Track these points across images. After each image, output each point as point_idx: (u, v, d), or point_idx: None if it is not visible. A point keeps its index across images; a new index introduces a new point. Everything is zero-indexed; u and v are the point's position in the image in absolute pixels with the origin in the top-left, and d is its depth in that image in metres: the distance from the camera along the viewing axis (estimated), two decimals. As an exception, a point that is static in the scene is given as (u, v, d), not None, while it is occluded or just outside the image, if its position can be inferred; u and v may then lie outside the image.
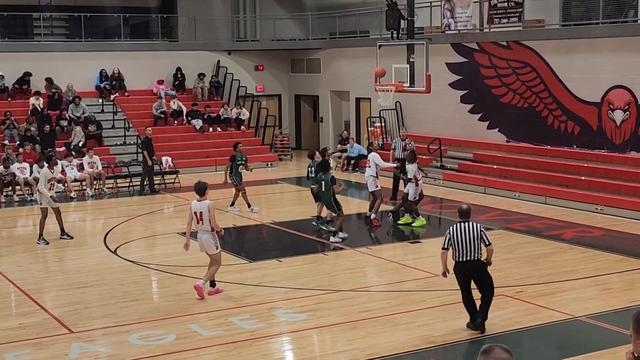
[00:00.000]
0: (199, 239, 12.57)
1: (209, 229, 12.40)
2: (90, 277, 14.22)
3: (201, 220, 12.36)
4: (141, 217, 20.10)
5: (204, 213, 12.31)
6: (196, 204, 12.44)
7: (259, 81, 32.88)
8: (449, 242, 10.63)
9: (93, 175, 23.61)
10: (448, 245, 10.65)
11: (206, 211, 12.31)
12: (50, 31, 31.16)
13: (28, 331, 11.15)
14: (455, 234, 10.60)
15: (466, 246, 10.57)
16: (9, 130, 26.17)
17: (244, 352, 10.25)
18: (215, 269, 12.72)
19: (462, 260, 10.63)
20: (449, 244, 10.64)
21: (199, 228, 12.47)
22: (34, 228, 18.14)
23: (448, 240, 10.63)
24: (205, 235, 12.46)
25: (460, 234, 10.58)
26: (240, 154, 20.57)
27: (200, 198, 12.42)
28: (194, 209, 12.45)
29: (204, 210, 12.32)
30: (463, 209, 10.84)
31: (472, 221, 10.75)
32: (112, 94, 29.54)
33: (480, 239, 10.62)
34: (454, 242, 10.61)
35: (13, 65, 28.29)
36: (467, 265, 10.65)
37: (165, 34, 32.18)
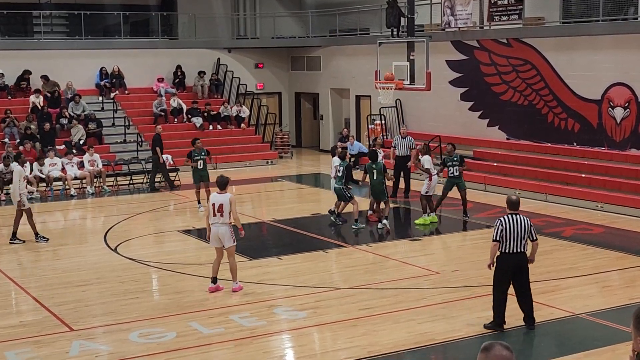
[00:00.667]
0: (214, 232, 12.59)
1: (228, 221, 12.52)
2: (90, 275, 14.22)
3: (219, 213, 12.45)
4: (141, 215, 20.10)
5: (224, 205, 12.42)
6: (217, 197, 12.61)
7: (259, 79, 32.88)
8: (500, 234, 10.48)
9: (93, 173, 23.61)
10: (499, 237, 10.48)
11: (227, 204, 12.43)
12: (50, 29, 31.14)
13: (28, 329, 11.15)
14: (507, 225, 10.46)
15: (515, 238, 10.46)
16: (9, 128, 26.17)
17: (245, 350, 10.26)
18: (234, 263, 12.82)
19: (510, 251, 10.50)
20: (500, 236, 10.48)
21: (216, 221, 12.52)
22: (25, 227, 18.13)
23: (500, 232, 10.47)
24: (224, 228, 12.52)
25: (511, 225, 10.46)
26: (198, 150, 20.36)
27: (221, 191, 12.60)
28: (212, 202, 12.61)
29: (225, 202, 12.44)
30: (513, 200, 10.75)
31: (521, 214, 10.70)
32: (112, 92, 29.52)
33: (529, 232, 10.59)
34: (505, 233, 10.46)
35: (13, 63, 28.28)
36: (514, 257, 10.55)
37: (166, 31, 32.18)
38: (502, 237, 10.47)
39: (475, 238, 16.84)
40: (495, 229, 10.52)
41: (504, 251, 10.52)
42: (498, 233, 10.48)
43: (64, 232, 18.81)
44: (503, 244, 10.49)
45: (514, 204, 10.70)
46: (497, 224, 10.51)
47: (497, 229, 10.48)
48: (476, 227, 17.92)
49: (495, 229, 10.50)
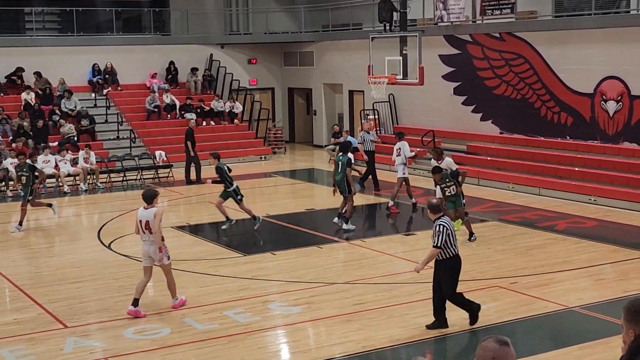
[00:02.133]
0: (145, 250, 11.49)
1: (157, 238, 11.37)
2: (84, 271, 14.21)
3: (147, 230, 11.30)
4: (135, 212, 20.00)
5: (150, 222, 11.25)
6: (143, 212, 11.38)
7: (252, 74, 32.84)
8: (446, 239, 10.23)
9: (87, 170, 23.57)
10: (441, 243, 10.23)
11: (152, 219, 11.26)
12: (42, 25, 31.07)
13: (23, 326, 11.14)
14: (451, 228, 10.30)
15: (455, 240, 10.39)
16: (2, 125, 26.11)
17: (239, 346, 10.26)
18: (171, 281, 11.75)
19: (453, 254, 10.38)
20: (445, 241, 10.24)
21: (146, 239, 11.40)
22: (27, 223, 18.11)
23: (446, 237, 10.22)
24: (153, 247, 11.40)
25: (452, 227, 10.37)
26: None
27: (148, 205, 11.42)
28: (139, 218, 11.41)
29: (151, 218, 11.25)
30: (435, 203, 10.57)
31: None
32: (105, 89, 29.47)
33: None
34: (450, 239, 10.27)
35: (5, 60, 28.21)
36: (458, 259, 10.48)
37: (158, 27, 32.12)
38: (446, 243, 10.20)
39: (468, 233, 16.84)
40: (440, 235, 10.15)
41: (455, 253, 10.35)
42: (443, 239, 10.17)
43: (58, 229, 18.76)
44: (450, 248, 10.27)
45: (439, 206, 10.51)
46: (442, 229, 10.16)
47: (443, 234, 10.16)
48: (470, 221, 17.89)
49: (441, 235, 10.15)
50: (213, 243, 16.40)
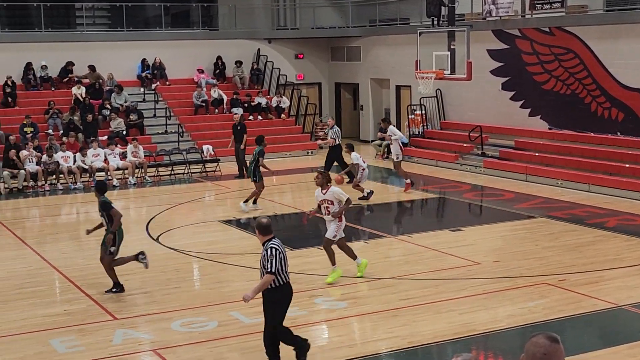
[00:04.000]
0: None
1: None
2: (133, 264, 14.32)
3: None
4: (183, 205, 20.25)
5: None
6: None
7: (299, 69, 32.90)
8: (280, 263, 8.88)
9: (135, 164, 23.84)
10: (276, 268, 8.85)
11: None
12: (93, 21, 31.49)
13: (73, 317, 11.31)
14: (283, 252, 8.97)
15: (287, 266, 9.05)
16: (53, 119, 26.53)
17: (285, 339, 10.29)
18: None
19: (284, 282, 9.04)
20: (279, 265, 8.88)
21: None
22: (78, 216, 18.38)
23: (280, 261, 8.86)
24: None
25: (284, 251, 9.04)
26: None
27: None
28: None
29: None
30: (264, 223, 9.06)
31: None
32: (154, 83, 29.76)
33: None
34: (282, 264, 8.91)
35: (56, 55, 28.63)
36: (288, 289, 9.19)
37: (206, 22, 32.33)
38: (280, 268, 8.88)
39: (516, 229, 16.72)
40: (273, 259, 8.79)
41: (286, 281, 9.04)
42: (279, 264, 8.84)
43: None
44: (282, 275, 8.95)
45: (269, 227, 9.06)
46: (274, 253, 8.82)
47: (276, 259, 8.80)
48: (518, 217, 17.78)
49: (274, 259, 8.79)
50: (259, 237, 16.43)
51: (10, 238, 16.73)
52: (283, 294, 9.05)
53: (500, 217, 18.05)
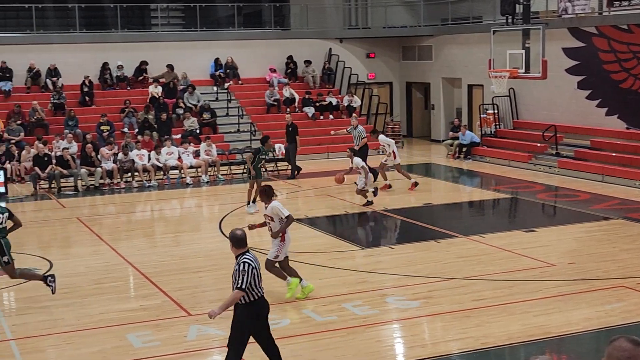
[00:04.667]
0: None
1: None
2: (206, 261, 14.56)
3: None
4: (255, 203, 20.36)
5: None
6: None
7: (370, 69, 32.86)
8: (252, 279, 8.28)
9: (208, 162, 24.13)
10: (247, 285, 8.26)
11: None
12: (167, 21, 31.98)
13: (148, 313, 11.51)
14: (256, 266, 8.38)
15: (260, 280, 8.47)
16: (128, 118, 27.04)
17: (357, 338, 10.30)
18: None
19: (257, 297, 8.45)
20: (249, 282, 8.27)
21: None
22: (152, 213, 18.68)
23: (252, 277, 8.27)
24: None
25: (257, 265, 8.45)
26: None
27: None
28: None
29: None
30: (239, 235, 8.46)
31: None
32: (227, 82, 30.08)
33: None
34: (255, 279, 8.34)
35: (131, 55, 29.17)
36: (263, 303, 8.57)
37: (278, 22, 32.53)
38: (251, 284, 8.27)
39: (592, 230, 16.41)
40: (245, 275, 8.20)
41: (260, 296, 8.46)
42: (248, 280, 8.23)
43: (181, 220, 19.29)
44: (255, 290, 8.38)
45: (243, 239, 8.47)
46: (247, 268, 8.23)
47: (248, 274, 8.22)
48: (594, 218, 17.46)
49: (246, 275, 8.20)
50: (331, 235, 16.50)
51: (87, 234, 17.10)
52: (257, 309, 8.44)
53: (575, 218, 17.73)
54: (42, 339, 10.58)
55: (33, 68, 28.27)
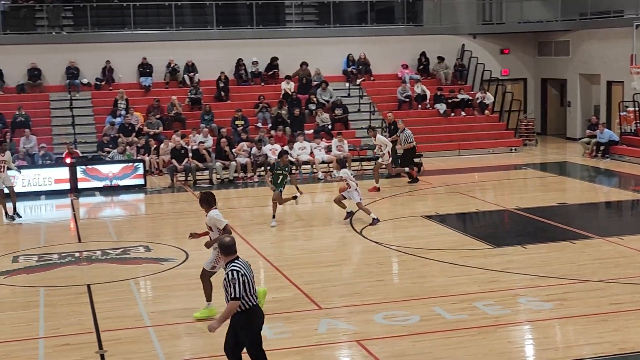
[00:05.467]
0: None
1: None
2: (337, 256, 14.68)
3: None
4: (385, 200, 20.42)
5: None
6: None
7: (504, 65, 32.27)
8: (243, 287, 8.11)
9: (339, 158, 24.27)
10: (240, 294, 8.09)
11: None
12: (301, 18, 32.36)
13: (280, 305, 11.69)
14: (246, 274, 8.18)
15: (253, 286, 8.30)
16: (262, 113, 27.55)
17: (488, 338, 10.16)
18: None
19: (251, 305, 8.25)
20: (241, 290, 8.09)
21: None
22: (284, 207, 18.93)
23: (243, 284, 8.09)
24: None
25: (247, 272, 8.23)
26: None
27: None
28: None
29: None
30: (227, 242, 8.33)
31: None
32: (359, 79, 30.20)
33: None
34: (248, 285, 8.16)
35: (265, 51, 29.72)
36: (256, 311, 8.38)
37: (410, 18, 32.38)
38: (244, 291, 8.11)
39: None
40: (235, 283, 8.03)
41: (253, 304, 8.24)
42: (240, 288, 8.04)
43: (312, 214, 19.51)
44: (247, 297, 8.18)
45: (232, 246, 8.30)
46: (236, 276, 8.06)
47: (239, 282, 8.04)
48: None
49: (237, 283, 8.04)
50: (462, 233, 16.32)
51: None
52: (250, 318, 8.23)
53: None
54: (179, 326, 10.93)
55: (172, 64, 29.20)
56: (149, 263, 14.37)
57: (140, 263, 14.40)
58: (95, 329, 10.81)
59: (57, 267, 14.28)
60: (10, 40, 28.44)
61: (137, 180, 22.92)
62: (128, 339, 10.44)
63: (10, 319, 11.42)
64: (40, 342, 10.43)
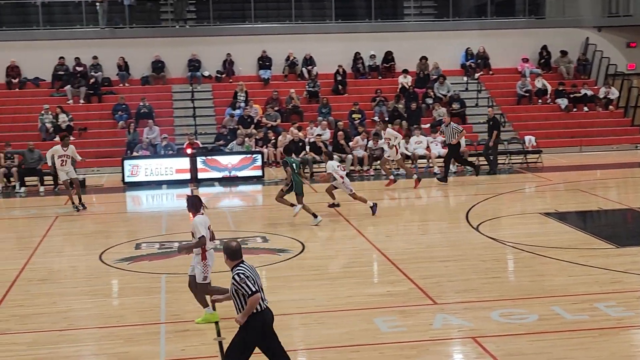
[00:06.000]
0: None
1: None
2: (452, 251, 14.52)
3: None
4: (503, 196, 20.09)
5: None
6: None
7: (631, 59, 31.20)
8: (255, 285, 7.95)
9: (456, 152, 24.03)
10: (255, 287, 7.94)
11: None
12: (419, 11, 32.17)
13: (395, 299, 11.66)
14: (253, 275, 8.02)
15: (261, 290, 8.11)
16: (379, 106, 27.54)
17: (610, 340, 9.84)
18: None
19: (263, 308, 8.06)
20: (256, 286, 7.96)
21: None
22: (399, 201, 18.91)
23: (253, 282, 7.95)
24: None
25: (254, 275, 8.05)
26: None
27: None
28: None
29: None
30: (233, 247, 8.15)
31: None
32: (477, 72, 29.79)
33: None
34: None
35: (382, 45, 29.74)
36: (267, 314, 8.15)
37: (532, 11, 31.74)
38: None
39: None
40: (245, 282, 7.88)
41: (257, 310, 7.99)
42: (251, 282, 7.89)
43: (427, 209, 19.39)
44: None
45: (237, 251, 8.14)
46: (242, 276, 7.92)
47: (249, 279, 7.90)
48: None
49: (247, 280, 7.89)
50: (582, 232, 15.88)
51: (337, 219, 17.61)
52: (258, 322, 8.01)
53: None
54: (295, 317, 11.04)
55: (291, 57, 29.52)
56: (266, 253, 14.59)
57: (257, 253, 14.62)
58: (213, 316, 11.05)
59: (178, 255, 14.66)
60: (136, 33, 29.39)
61: (255, 172, 23.31)
62: (245, 327, 10.62)
63: (133, 304, 11.81)
64: (161, 327, 10.73)
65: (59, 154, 19.44)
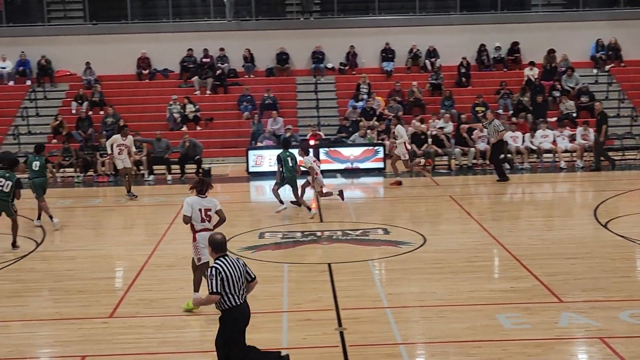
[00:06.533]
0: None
1: None
2: (579, 248, 14.12)
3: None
4: (634, 192, 19.40)
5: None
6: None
7: None
8: (222, 284, 8.13)
9: (584, 147, 23.36)
10: (220, 288, 8.14)
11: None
12: (548, 1, 31.42)
13: (519, 295, 11.42)
14: (227, 272, 8.17)
15: (239, 285, 8.26)
16: (503, 99, 27.06)
17: None
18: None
19: (238, 303, 8.24)
20: (220, 286, 8.13)
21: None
22: (523, 196, 18.52)
23: (221, 281, 8.12)
24: None
25: (231, 271, 8.19)
26: None
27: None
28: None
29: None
30: (218, 239, 8.36)
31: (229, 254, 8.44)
32: (607, 65, 28.84)
33: (245, 274, 8.39)
34: (228, 283, 8.16)
35: (507, 36, 29.28)
36: (243, 309, 8.32)
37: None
38: (223, 288, 8.12)
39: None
40: (213, 279, 8.11)
41: (235, 304, 8.19)
42: (218, 283, 8.10)
43: (552, 204, 18.92)
44: (229, 297, 8.17)
45: (221, 244, 8.31)
46: (214, 272, 8.13)
47: (216, 278, 8.10)
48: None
49: (213, 278, 8.11)
50: None
51: (458, 212, 17.42)
52: (229, 317, 8.25)
53: None
54: (415, 309, 10.98)
55: (414, 49, 29.35)
56: (387, 245, 14.56)
57: (378, 245, 14.62)
58: (335, 306, 11.10)
59: (300, 245, 14.83)
60: (261, 25, 29.86)
61: (377, 164, 23.30)
62: (366, 318, 10.63)
63: (257, 292, 11.89)
64: (283, 316, 10.88)
65: (118, 142, 20.04)
